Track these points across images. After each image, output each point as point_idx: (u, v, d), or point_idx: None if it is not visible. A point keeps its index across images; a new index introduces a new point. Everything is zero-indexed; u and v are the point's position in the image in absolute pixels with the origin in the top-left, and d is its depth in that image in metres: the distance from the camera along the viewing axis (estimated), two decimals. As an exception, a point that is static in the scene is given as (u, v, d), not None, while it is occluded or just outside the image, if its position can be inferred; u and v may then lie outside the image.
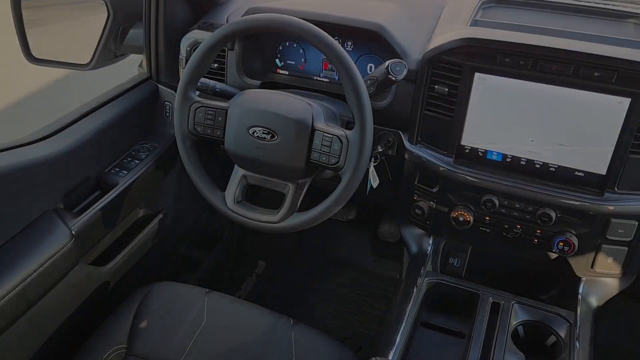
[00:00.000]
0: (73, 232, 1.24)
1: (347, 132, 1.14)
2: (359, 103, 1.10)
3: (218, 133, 1.23)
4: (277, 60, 1.53)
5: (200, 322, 1.25)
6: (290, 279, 2.17)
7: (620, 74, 1.11)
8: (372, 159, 1.36)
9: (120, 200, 1.40)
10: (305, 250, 2.27)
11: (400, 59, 1.26)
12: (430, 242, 1.46)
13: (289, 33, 1.17)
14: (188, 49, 1.50)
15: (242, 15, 1.38)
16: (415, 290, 1.32)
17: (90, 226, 1.30)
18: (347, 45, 1.44)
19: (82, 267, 1.32)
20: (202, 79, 1.31)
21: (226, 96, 1.33)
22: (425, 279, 1.35)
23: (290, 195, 1.22)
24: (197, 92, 1.28)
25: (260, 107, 1.19)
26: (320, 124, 1.17)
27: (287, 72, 1.53)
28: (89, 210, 1.31)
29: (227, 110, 1.22)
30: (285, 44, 1.51)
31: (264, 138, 1.17)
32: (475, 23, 1.33)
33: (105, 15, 1.48)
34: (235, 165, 1.27)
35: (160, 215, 1.63)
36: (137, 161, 1.48)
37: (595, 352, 1.79)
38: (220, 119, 1.23)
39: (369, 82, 1.22)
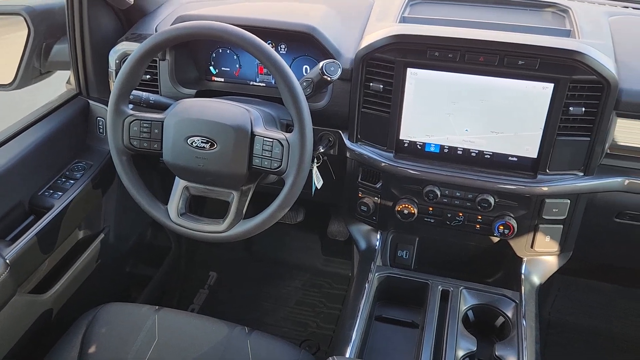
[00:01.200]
0: (7, 261, 1.18)
1: (287, 135, 1.14)
2: (296, 105, 1.11)
3: (155, 146, 1.21)
4: (211, 68, 1.51)
5: (151, 341, 1.22)
6: (243, 287, 2.14)
7: (542, 60, 1.17)
8: (315, 160, 1.37)
9: (57, 224, 1.34)
10: (256, 256, 2.25)
11: (334, 59, 1.28)
12: (378, 237, 1.48)
13: (220, 40, 1.16)
14: (117, 61, 1.46)
15: (172, 24, 1.35)
16: (366, 285, 1.34)
17: (25, 253, 1.24)
18: (280, 48, 1.43)
19: (21, 297, 1.25)
20: (135, 92, 1.28)
21: (161, 107, 1.30)
22: (376, 274, 1.36)
23: (234, 203, 1.20)
24: (131, 106, 1.25)
25: (197, 116, 1.17)
26: (259, 129, 1.16)
27: (222, 79, 1.51)
28: (23, 237, 1.25)
29: (162, 122, 1.19)
30: (219, 51, 1.49)
31: (203, 147, 1.16)
32: (403, 20, 1.36)
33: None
34: (176, 177, 1.25)
35: (102, 235, 1.57)
36: (72, 181, 1.43)
37: (542, 328, 1.86)
38: (156, 131, 1.20)
39: (304, 83, 1.22)
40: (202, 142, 1.15)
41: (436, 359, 1.15)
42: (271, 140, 1.14)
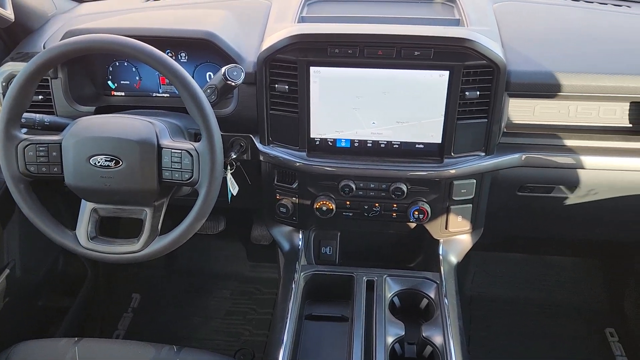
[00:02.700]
0: None
1: (196, 144, 1.11)
2: (201, 114, 1.09)
3: (55, 169, 1.14)
4: (109, 82, 1.45)
5: (73, 375, 1.15)
6: (169, 305, 2.08)
7: (436, 50, 1.22)
8: (228, 167, 1.35)
9: None
10: (179, 271, 2.19)
11: (236, 63, 1.26)
12: (300, 236, 1.49)
13: (114, 52, 1.12)
14: (3, 83, 1.37)
15: (61, 39, 1.28)
16: (293, 286, 1.34)
17: None
18: (180, 57, 1.40)
19: None
20: (27, 114, 1.19)
21: (58, 128, 1.23)
22: (302, 274, 1.37)
23: (148, 220, 1.16)
24: (24, 130, 1.17)
25: (98, 134, 1.12)
26: (166, 141, 1.13)
27: (122, 93, 1.46)
28: None
29: (60, 144, 1.13)
30: (115, 64, 1.43)
31: (108, 166, 1.11)
32: (302, 19, 1.38)
33: None
34: (82, 199, 1.18)
35: (7, 271, 1.46)
36: None
37: (465, 303, 1.95)
38: (54, 154, 1.13)
39: (208, 91, 1.20)
40: (105, 160, 1.10)
41: (367, 348, 1.17)
42: (179, 151, 1.11)
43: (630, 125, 1.41)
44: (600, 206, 1.45)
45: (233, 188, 1.35)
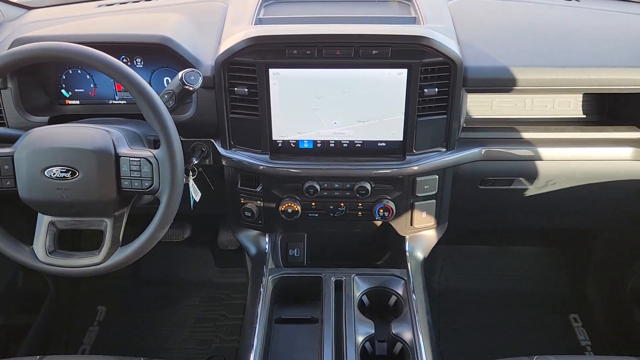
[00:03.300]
0: None
1: (155, 151, 1.09)
2: (159, 120, 1.06)
3: (8, 183, 1.10)
4: (63, 91, 1.41)
5: (37, 394, 1.12)
6: (137, 316, 2.03)
7: (394, 48, 1.23)
8: (190, 173, 1.33)
9: None
10: (145, 281, 2.14)
11: (194, 67, 1.24)
12: (267, 240, 1.48)
13: (63, 60, 1.09)
14: (-52, 96, 1.31)
15: (8, 48, 1.24)
16: (262, 290, 1.33)
17: None
18: (136, 62, 1.37)
19: None
20: None
21: (9, 140, 1.18)
22: (270, 277, 1.36)
23: (109, 230, 1.13)
24: None
25: (52, 145, 1.08)
26: (123, 149, 1.10)
27: (77, 102, 1.42)
28: None
29: (12, 156, 1.09)
30: (69, 72, 1.39)
31: (64, 177, 1.07)
32: (259, 21, 1.37)
33: None
34: (39, 213, 1.15)
35: (-38, 290, 1.41)
36: None
37: (433, 298, 1.98)
38: (6, 167, 1.09)
39: (166, 96, 1.18)
40: (61, 172, 1.07)
41: (338, 349, 1.17)
42: (138, 159, 1.08)
43: (584, 116, 1.46)
44: (559, 196, 1.48)
45: (196, 194, 1.33)
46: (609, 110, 1.45)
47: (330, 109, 1.29)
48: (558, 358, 1.16)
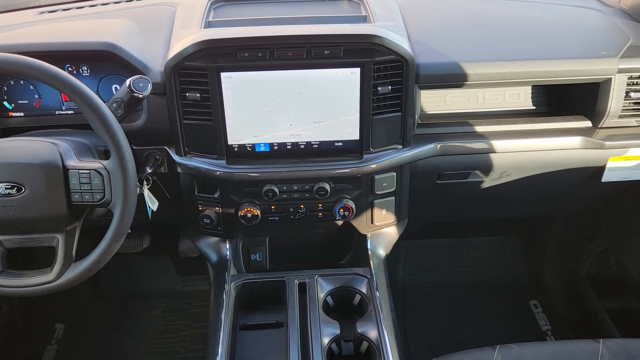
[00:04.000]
0: None
1: (105, 162, 1.06)
2: (107, 130, 1.03)
3: None
4: (5, 103, 1.35)
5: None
6: (97, 331, 1.97)
7: (346, 48, 1.23)
8: (145, 182, 1.29)
9: None
10: (105, 295, 2.08)
11: (142, 74, 1.21)
12: (228, 246, 1.46)
13: (3, 71, 1.03)
14: None
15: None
16: (225, 297, 1.31)
17: None
18: (82, 70, 1.33)
19: None
20: None
21: None
22: (232, 284, 1.34)
23: (61, 246, 1.09)
24: None
25: None
26: (72, 162, 1.06)
27: (21, 114, 1.36)
28: None
29: None
30: (10, 83, 1.34)
31: (9, 194, 1.03)
32: (209, 24, 1.34)
33: None
34: None
35: None
36: None
37: (398, 293, 1.99)
38: None
39: (114, 105, 1.14)
40: (6, 188, 1.02)
41: (304, 352, 1.16)
42: (87, 171, 1.05)
43: (534, 107, 1.49)
44: (513, 186, 1.52)
45: (152, 204, 1.30)
46: (557, 101, 1.49)
47: (285, 110, 1.28)
48: (520, 346, 1.18)
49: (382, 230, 1.47)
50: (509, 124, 1.41)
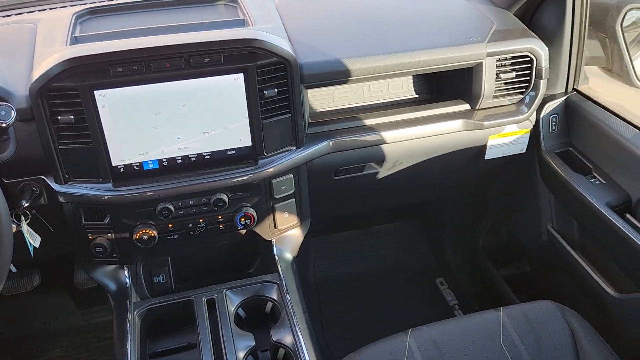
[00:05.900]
0: None
1: (-31, 203, 0.95)
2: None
3: None
4: None
5: None
6: None
7: (226, 54, 1.19)
8: (23, 218, 1.18)
9: None
10: None
11: (4, 100, 1.10)
12: (126, 272, 1.37)
13: None
14: None
15: None
16: (129, 327, 1.23)
17: None
18: None
19: None
20: None
21: None
22: (135, 312, 1.26)
23: None
24: None
25: None
26: None
27: None
28: None
29: None
30: None
31: None
32: (76, 40, 1.25)
33: None
34: None
35: None
36: None
37: (311, 292, 2.00)
38: None
39: (-27, 138, 1.03)
40: None
41: None
42: (-51, 215, 0.93)
43: (417, 95, 1.55)
44: (407, 173, 1.57)
45: (33, 240, 1.19)
46: (437, 87, 1.56)
47: (170, 124, 1.22)
48: (429, 326, 1.22)
49: (287, 233, 1.46)
50: (395, 114, 1.45)
